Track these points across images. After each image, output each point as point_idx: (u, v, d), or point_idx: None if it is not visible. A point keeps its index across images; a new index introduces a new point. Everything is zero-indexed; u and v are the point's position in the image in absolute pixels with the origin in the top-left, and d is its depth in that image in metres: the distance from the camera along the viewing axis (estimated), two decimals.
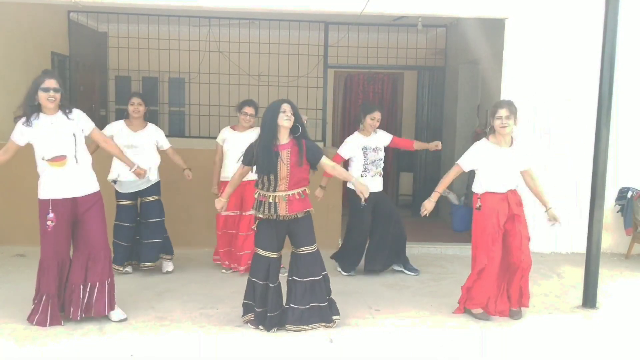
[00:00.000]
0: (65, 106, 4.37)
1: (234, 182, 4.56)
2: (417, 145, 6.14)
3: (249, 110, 5.85)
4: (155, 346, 4.13)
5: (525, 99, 6.76)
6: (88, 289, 4.36)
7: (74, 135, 4.31)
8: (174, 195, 6.11)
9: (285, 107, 4.28)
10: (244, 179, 5.61)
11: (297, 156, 4.28)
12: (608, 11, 4.91)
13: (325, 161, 4.39)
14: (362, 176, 5.84)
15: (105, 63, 9.70)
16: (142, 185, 5.62)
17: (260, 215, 4.36)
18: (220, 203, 4.53)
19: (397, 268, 6.11)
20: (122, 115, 7.31)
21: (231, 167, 5.68)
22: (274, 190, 4.29)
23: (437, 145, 6.00)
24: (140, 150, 5.54)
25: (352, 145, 5.90)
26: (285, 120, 4.25)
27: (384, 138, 6.03)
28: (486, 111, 7.60)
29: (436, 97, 9.29)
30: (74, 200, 4.31)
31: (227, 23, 9.22)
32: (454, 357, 4.13)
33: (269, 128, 4.27)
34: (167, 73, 9.38)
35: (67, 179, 4.28)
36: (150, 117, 5.64)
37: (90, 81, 9.58)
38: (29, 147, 4.38)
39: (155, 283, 5.48)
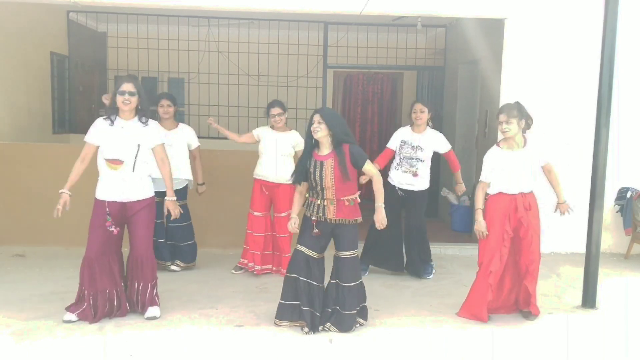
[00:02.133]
0: (143, 113, 4.44)
1: (296, 203, 4.54)
2: (457, 176, 6.03)
3: (275, 110, 5.77)
4: (154, 346, 4.12)
5: (524, 99, 6.74)
6: (134, 288, 4.52)
7: (138, 145, 4.40)
8: None
9: (315, 117, 4.27)
10: (276, 181, 5.74)
11: (339, 168, 4.25)
12: (608, 11, 4.91)
13: (367, 167, 4.37)
14: (395, 169, 5.85)
15: (105, 63, 9.71)
16: (177, 184, 5.64)
17: (314, 218, 4.36)
18: (291, 225, 4.48)
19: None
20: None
21: (266, 166, 5.76)
22: (322, 197, 4.33)
23: (459, 189, 6.06)
24: (173, 149, 5.55)
25: (395, 136, 5.90)
26: (317, 132, 4.25)
27: (437, 143, 5.83)
28: (485, 111, 7.61)
29: (436, 97, 9.29)
30: (123, 204, 4.41)
31: (226, 23, 9.23)
32: (453, 357, 4.13)
33: (308, 137, 4.35)
34: (167, 73, 9.39)
35: (119, 183, 4.38)
36: (150, 116, 5.60)
37: (89, 81, 9.59)
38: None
39: None
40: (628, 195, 6.81)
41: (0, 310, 4.65)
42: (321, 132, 4.24)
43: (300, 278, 4.36)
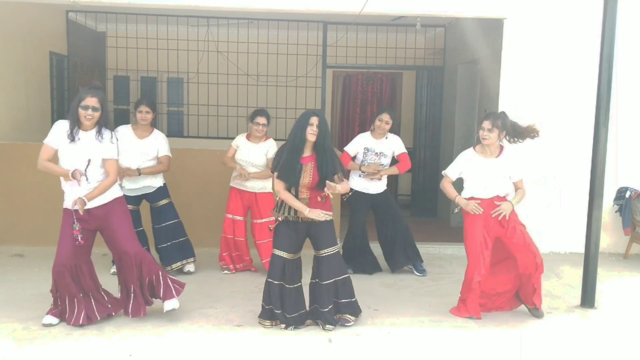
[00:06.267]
0: (102, 126, 4.36)
1: (292, 199, 4.38)
2: (392, 170, 5.95)
3: (261, 120, 5.72)
4: (154, 346, 4.12)
5: (523, 99, 6.78)
6: (127, 290, 4.49)
7: (89, 160, 4.30)
8: (173, 195, 6.09)
9: (314, 120, 4.30)
10: (252, 191, 5.75)
11: (318, 173, 4.32)
12: (606, 11, 4.92)
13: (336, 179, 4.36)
14: (359, 176, 5.90)
15: (104, 63, 9.70)
16: (146, 190, 5.64)
17: (280, 218, 4.41)
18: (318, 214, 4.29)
19: (407, 268, 6.13)
20: (121, 115, 7.17)
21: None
22: (295, 195, 4.36)
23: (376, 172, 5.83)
24: (148, 156, 5.55)
25: (357, 144, 5.93)
26: (310, 134, 4.29)
27: (395, 147, 5.96)
28: (485, 111, 7.61)
29: (435, 97, 9.30)
30: (88, 211, 4.32)
31: (225, 23, 9.22)
32: (453, 357, 4.13)
33: (298, 138, 4.31)
34: (166, 73, 9.40)
35: (77, 192, 4.30)
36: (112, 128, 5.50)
37: (88, 81, 9.55)
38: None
39: None
40: (627, 194, 6.81)
41: None
42: (314, 136, 4.31)
43: (275, 282, 4.40)
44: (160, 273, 4.55)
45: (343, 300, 4.50)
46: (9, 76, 7.33)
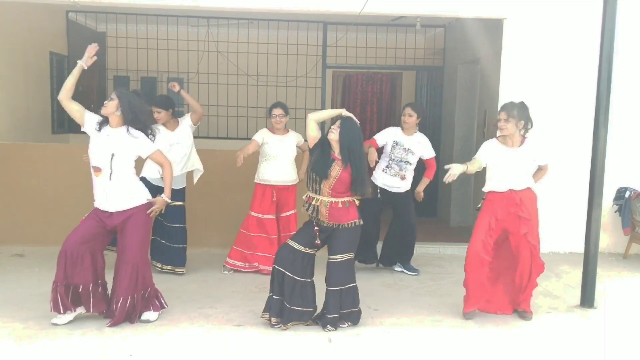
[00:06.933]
0: (129, 124, 4.36)
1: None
2: (425, 182, 6.06)
3: (277, 111, 5.78)
4: (154, 346, 4.13)
5: (523, 99, 6.74)
6: (115, 299, 4.45)
7: (112, 154, 4.30)
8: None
9: (338, 122, 4.40)
10: (288, 184, 5.79)
11: (348, 177, 4.34)
12: (606, 11, 4.92)
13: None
14: (383, 171, 5.87)
15: (104, 63, 9.70)
16: (176, 183, 5.61)
17: (316, 229, 4.43)
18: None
19: (397, 269, 6.14)
20: None
21: (273, 170, 5.75)
22: (318, 193, 4.38)
23: (418, 195, 6.03)
24: (181, 146, 5.66)
25: (387, 135, 5.90)
26: (330, 132, 4.39)
27: (424, 148, 5.93)
28: (484, 111, 7.62)
29: (435, 97, 9.30)
30: (110, 213, 4.37)
31: (225, 23, 9.23)
32: (452, 357, 4.13)
33: (325, 136, 4.47)
34: (166, 73, 9.39)
35: (101, 190, 4.36)
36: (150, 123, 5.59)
37: (88, 81, 9.57)
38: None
39: None
40: (627, 194, 6.81)
41: None
42: (333, 134, 4.37)
43: (276, 267, 4.39)
44: (150, 289, 4.55)
45: (345, 311, 4.48)
46: (9, 76, 7.34)
